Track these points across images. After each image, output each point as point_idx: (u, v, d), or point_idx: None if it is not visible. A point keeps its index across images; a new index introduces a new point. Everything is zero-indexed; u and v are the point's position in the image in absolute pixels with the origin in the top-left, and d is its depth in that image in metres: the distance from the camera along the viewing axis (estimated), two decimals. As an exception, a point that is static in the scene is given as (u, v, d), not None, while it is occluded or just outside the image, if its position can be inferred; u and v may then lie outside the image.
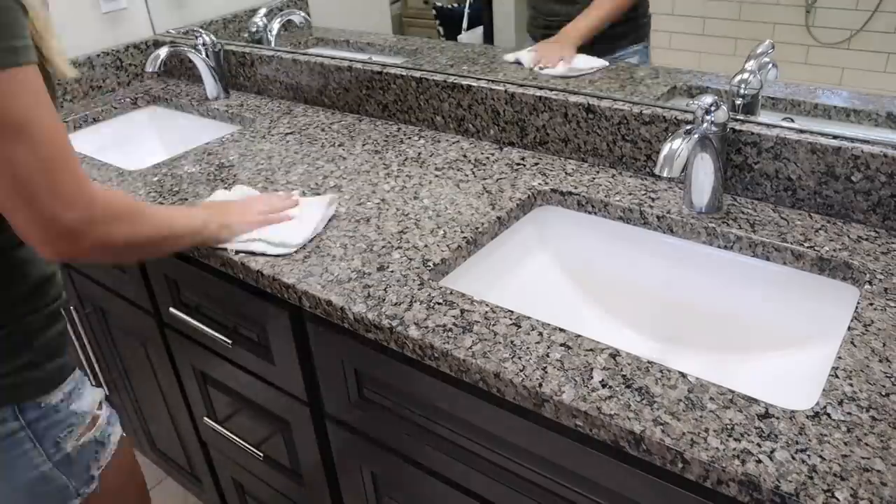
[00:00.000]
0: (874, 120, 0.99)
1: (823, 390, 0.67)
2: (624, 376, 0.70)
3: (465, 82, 1.24)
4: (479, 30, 1.43)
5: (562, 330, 0.77)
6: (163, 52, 1.50)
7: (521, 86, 1.19)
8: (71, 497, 0.80)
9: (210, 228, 0.93)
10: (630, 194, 1.04)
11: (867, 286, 0.81)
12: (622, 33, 1.25)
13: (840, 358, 0.71)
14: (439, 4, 1.47)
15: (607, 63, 1.22)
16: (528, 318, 0.79)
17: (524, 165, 1.16)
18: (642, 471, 0.68)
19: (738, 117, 1.00)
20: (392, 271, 0.90)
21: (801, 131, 0.95)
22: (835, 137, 0.92)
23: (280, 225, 0.98)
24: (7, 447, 0.74)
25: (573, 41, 1.24)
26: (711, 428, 0.63)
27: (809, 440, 0.61)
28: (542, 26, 1.34)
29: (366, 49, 1.57)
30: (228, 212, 0.98)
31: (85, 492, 0.81)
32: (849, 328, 0.75)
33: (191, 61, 1.63)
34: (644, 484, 0.68)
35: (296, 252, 0.95)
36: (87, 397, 0.81)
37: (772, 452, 0.60)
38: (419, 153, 1.24)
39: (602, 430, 0.67)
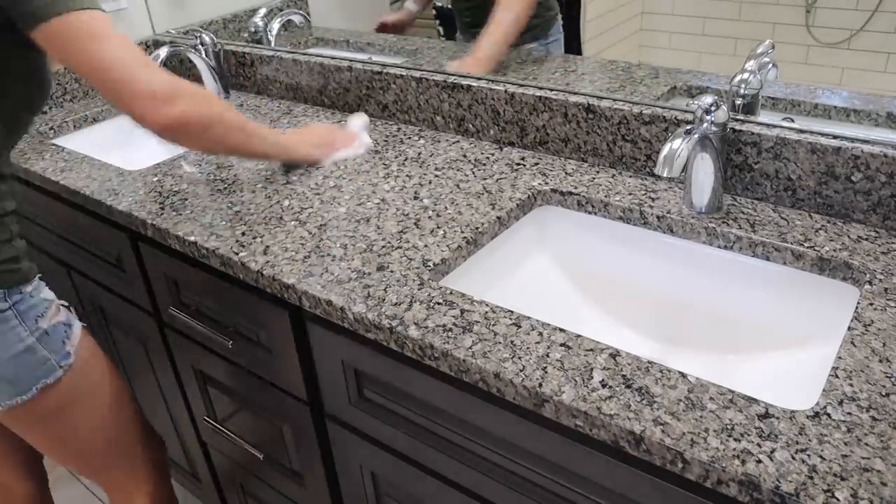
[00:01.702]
0: (874, 120, 0.99)
1: (823, 390, 0.67)
2: (624, 376, 0.70)
3: (465, 82, 1.25)
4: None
5: (562, 330, 0.77)
6: (163, 52, 1.50)
7: (521, 86, 1.19)
8: (54, 368, 1.00)
9: (300, 150, 1.19)
10: (630, 194, 1.04)
11: (867, 286, 0.81)
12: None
13: (840, 358, 0.71)
14: (439, 4, 1.47)
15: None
16: (528, 318, 0.79)
17: (524, 165, 1.16)
18: (642, 471, 0.68)
19: (738, 117, 1.00)
20: (392, 271, 0.90)
21: (801, 131, 0.95)
22: (835, 137, 0.92)
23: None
24: (1, 322, 0.95)
25: (487, 63, 1.28)
26: (711, 428, 0.63)
27: (809, 440, 0.61)
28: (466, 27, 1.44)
29: (366, 49, 1.57)
30: (308, 140, 1.22)
31: (64, 364, 1.01)
32: (849, 328, 0.75)
33: (191, 61, 1.63)
34: (644, 484, 0.68)
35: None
36: (46, 291, 1.02)
37: (772, 452, 0.60)
38: (419, 153, 1.24)
39: (602, 430, 0.67)
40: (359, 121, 1.33)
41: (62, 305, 1.04)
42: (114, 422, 1.12)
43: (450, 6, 1.46)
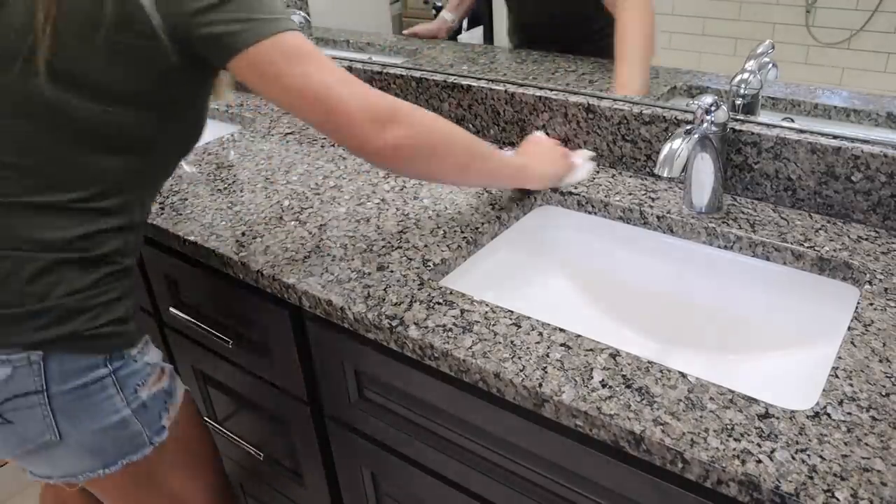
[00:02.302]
0: (874, 120, 0.99)
1: (823, 390, 0.67)
2: (624, 376, 0.70)
3: (465, 82, 1.24)
4: (479, 30, 1.43)
5: (562, 330, 0.77)
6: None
7: (521, 86, 1.19)
8: (144, 444, 0.88)
9: (530, 171, 1.02)
10: (630, 194, 1.04)
11: (867, 286, 0.81)
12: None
13: (840, 358, 0.71)
14: (439, 4, 1.47)
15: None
16: (528, 318, 0.79)
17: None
18: (642, 471, 0.68)
19: (738, 117, 1.00)
20: (392, 271, 0.90)
21: (801, 131, 0.95)
22: (835, 137, 0.92)
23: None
24: (96, 390, 0.83)
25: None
26: (711, 428, 0.63)
27: (809, 440, 0.61)
28: (520, 32, 1.36)
29: (366, 49, 1.57)
30: (543, 159, 1.06)
31: (156, 441, 0.89)
32: (849, 328, 0.75)
33: (191, 61, 1.63)
34: (644, 484, 0.68)
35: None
36: (154, 352, 0.91)
37: (772, 452, 0.60)
38: (419, 153, 1.23)
39: (602, 430, 0.67)
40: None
41: (166, 368, 0.92)
42: (200, 498, 1.01)
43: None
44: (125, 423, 0.86)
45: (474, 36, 1.44)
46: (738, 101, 1.02)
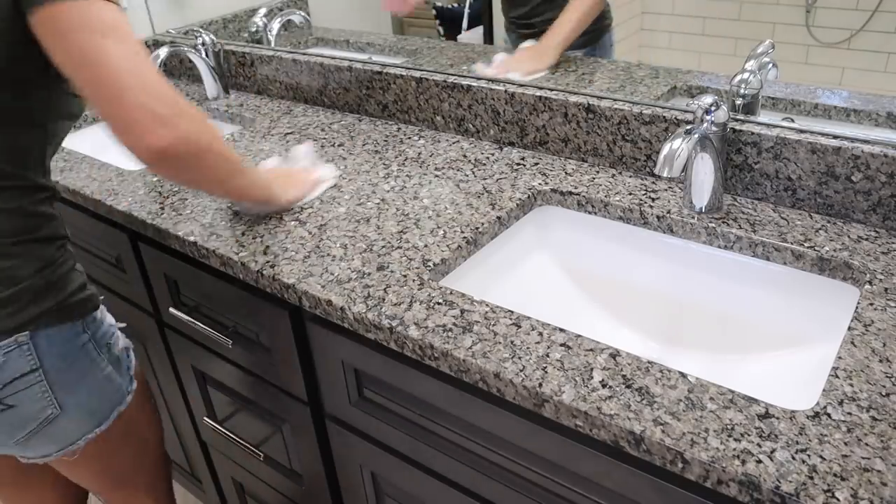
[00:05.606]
0: (874, 120, 0.99)
1: (823, 390, 0.67)
2: (624, 376, 0.70)
3: (465, 82, 1.24)
4: (479, 29, 1.43)
5: (562, 330, 0.77)
6: (162, 52, 1.50)
7: (522, 86, 1.19)
8: (125, 395, 0.97)
9: (275, 191, 1.04)
10: (630, 194, 1.04)
11: (867, 286, 0.81)
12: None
13: (840, 358, 0.71)
14: (439, 4, 1.47)
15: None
16: (528, 318, 0.79)
17: (524, 165, 1.16)
18: (642, 471, 0.68)
19: (738, 117, 1.00)
20: (392, 271, 0.90)
21: (801, 131, 0.95)
22: (835, 137, 0.92)
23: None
24: (83, 356, 0.90)
25: (554, 51, 1.25)
26: (711, 428, 0.63)
27: (810, 440, 0.61)
28: (514, 26, 1.36)
29: (366, 49, 1.57)
30: (288, 182, 1.10)
31: (130, 389, 0.98)
32: (849, 328, 0.75)
33: (190, 61, 1.63)
34: (644, 484, 0.68)
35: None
36: (108, 315, 0.98)
37: (772, 452, 0.60)
38: (419, 153, 1.24)
39: (602, 430, 0.67)
40: (305, 150, 1.23)
41: (117, 325, 1.00)
42: (156, 441, 1.10)
43: (451, 6, 1.46)
44: (110, 379, 0.94)
45: (474, 36, 1.43)
46: (738, 101, 1.02)
